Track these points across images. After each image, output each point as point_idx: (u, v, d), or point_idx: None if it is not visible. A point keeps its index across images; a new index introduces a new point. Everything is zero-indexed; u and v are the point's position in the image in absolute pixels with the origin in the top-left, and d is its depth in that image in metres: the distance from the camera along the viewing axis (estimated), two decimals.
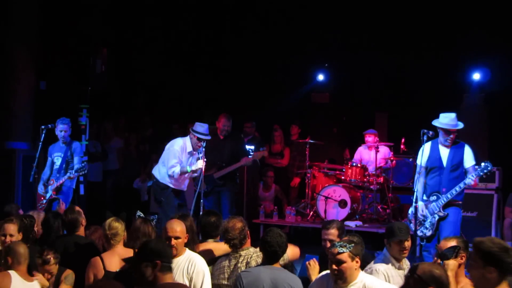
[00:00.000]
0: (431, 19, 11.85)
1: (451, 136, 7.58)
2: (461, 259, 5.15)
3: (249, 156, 10.11)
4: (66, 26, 11.22)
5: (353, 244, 4.74)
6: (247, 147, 10.81)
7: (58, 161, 9.26)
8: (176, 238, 5.35)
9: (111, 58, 10.88)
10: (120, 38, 12.65)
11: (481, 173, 7.39)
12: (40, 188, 9.21)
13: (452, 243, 5.21)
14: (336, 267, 4.69)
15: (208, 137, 9.04)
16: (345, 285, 4.72)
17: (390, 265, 5.59)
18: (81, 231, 6.37)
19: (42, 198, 9.16)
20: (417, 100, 12.24)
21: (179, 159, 9.13)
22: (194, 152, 9.17)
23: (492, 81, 12.26)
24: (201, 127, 9.04)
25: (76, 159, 9.18)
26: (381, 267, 5.54)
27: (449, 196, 7.46)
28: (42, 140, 9.10)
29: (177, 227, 5.41)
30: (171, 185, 9.22)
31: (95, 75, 10.34)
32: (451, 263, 5.04)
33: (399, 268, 5.61)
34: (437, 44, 12.04)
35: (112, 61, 10.98)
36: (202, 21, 13.48)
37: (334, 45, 12.82)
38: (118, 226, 5.62)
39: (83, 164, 9.06)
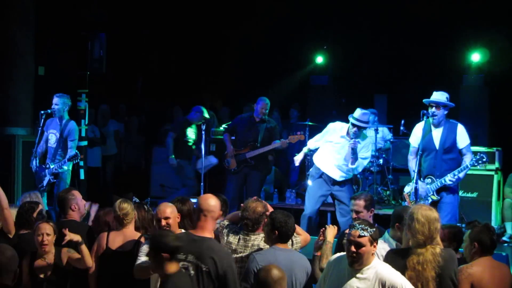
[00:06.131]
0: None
1: (433, 110, 7.57)
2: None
3: (285, 140, 9.93)
4: (64, 11, 11.18)
5: (374, 229, 4.66)
6: None
7: (52, 139, 9.07)
8: (166, 218, 5.50)
9: (109, 42, 10.84)
10: (118, 22, 12.59)
11: (476, 164, 7.35)
12: (34, 164, 9.01)
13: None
14: (355, 250, 4.59)
15: (364, 125, 8.30)
16: (360, 268, 4.63)
17: None
18: (72, 215, 6.36)
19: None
20: (416, 81, 12.23)
21: (327, 137, 8.61)
22: (348, 137, 8.33)
23: (491, 62, 12.26)
24: (362, 115, 8.25)
25: (69, 144, 8.97)
26: None
27: (443, 181, 7.45)
28: (41, 125, 9.05)
29: (166, 209, 5.55)
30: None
31: (93, 59, 10.30)
32: None
33: None
34: (436, 25, 12.01)
35: (110, 46, 10.94)
36: (200, 5, 13.42)
37: (333, 27, 12.78)
38: (127, 206, 5.80)
39: (74, 152, 8.78)
